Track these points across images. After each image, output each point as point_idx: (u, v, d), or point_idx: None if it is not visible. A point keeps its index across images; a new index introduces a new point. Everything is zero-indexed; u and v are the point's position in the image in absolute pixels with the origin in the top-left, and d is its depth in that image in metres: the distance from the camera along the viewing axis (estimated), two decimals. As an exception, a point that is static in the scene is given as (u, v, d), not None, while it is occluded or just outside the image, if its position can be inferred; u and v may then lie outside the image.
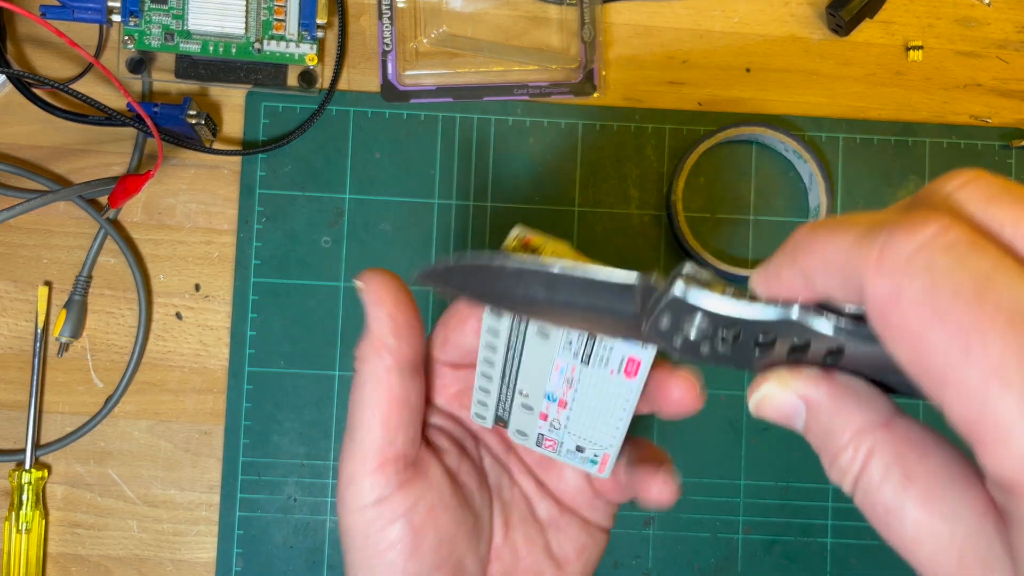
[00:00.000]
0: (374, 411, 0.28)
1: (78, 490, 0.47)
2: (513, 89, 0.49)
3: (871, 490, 0.20)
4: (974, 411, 0.16)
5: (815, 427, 0.21)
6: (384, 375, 0.28)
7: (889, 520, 0.19)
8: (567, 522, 0.32)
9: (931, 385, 0.17)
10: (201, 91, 0.49)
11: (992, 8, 0.51)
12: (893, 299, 0.17)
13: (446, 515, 0.29)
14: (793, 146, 0.48)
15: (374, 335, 0.28)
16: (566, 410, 0.28)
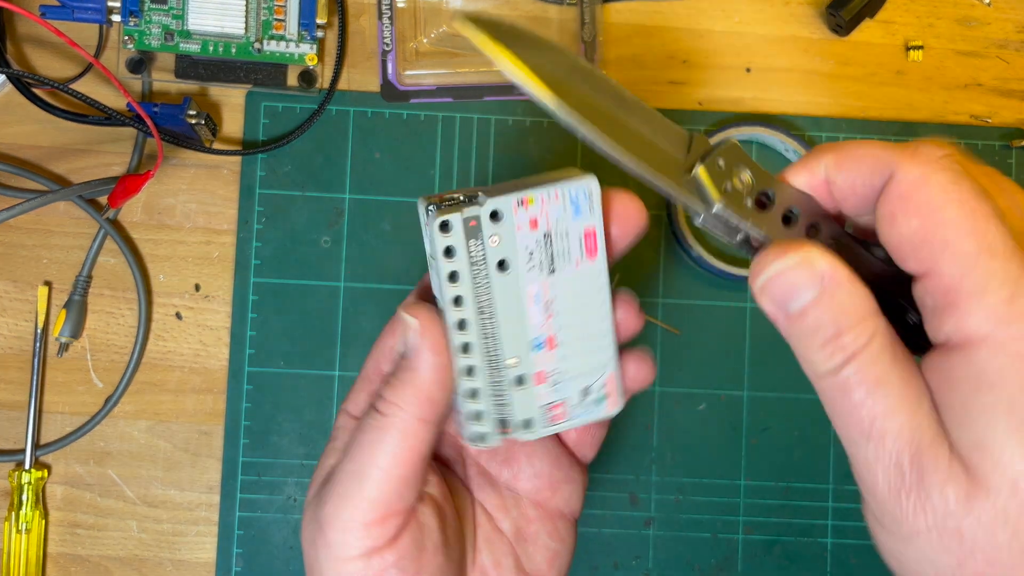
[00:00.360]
0: (396, 463, 0.26)
1: (78, 490, 0.47)
2: (513, 89, 0.49)
3: (867, 365, 0.22)
4: (962, 272, 0.20)
5: (828, 303, 0.22)
6: (417, 426, 0.26)
7: (876, 391, 0.22)
8: (534, 532, 0.31)
9: (928, 249, 0.21)
10: (201, 91, 0.49)
11: (992, 8, 0.51)
12: (921, 181, 0.21)
13: (436, 559, 0.27)
14: (793, 146, 0.48)
15: (423, 384, 0.26)
16: (557, 349, 0.28)
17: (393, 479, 0.26)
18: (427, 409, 0.26)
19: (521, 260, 0.26)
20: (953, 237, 0.21)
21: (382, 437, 0.26)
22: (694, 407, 0.49)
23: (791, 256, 0.23)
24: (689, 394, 0.49)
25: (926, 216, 0.21)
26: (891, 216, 0.22)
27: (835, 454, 0.49)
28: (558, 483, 0.31)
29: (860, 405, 0.22)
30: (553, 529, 0.31)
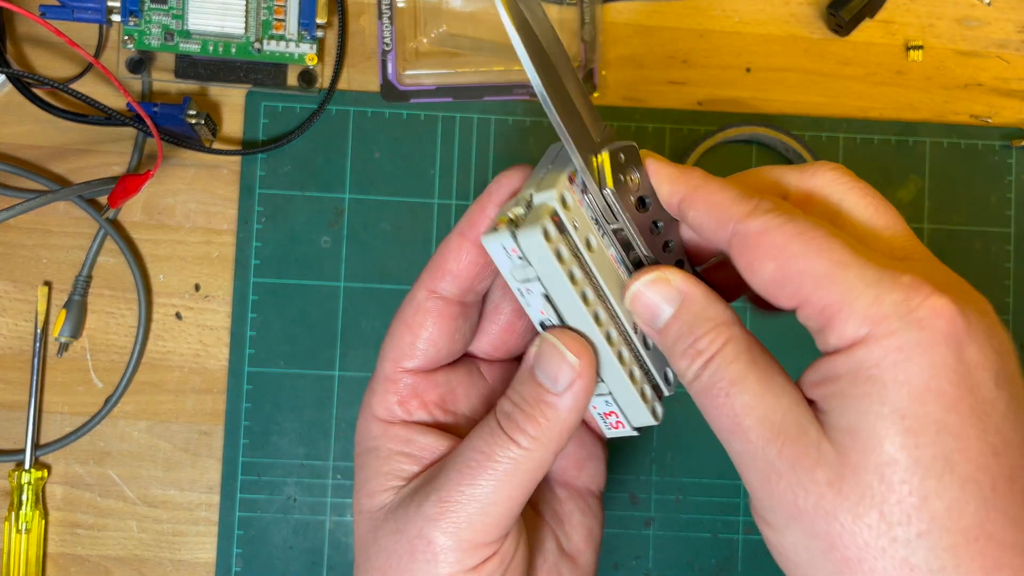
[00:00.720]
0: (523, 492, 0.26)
1: (78, 490, 0.47)
2: (513, 89, 0.49)
3: (722, 367, 0.24)
4: (826, 291, 0.22)
5: (685, 315, 0.25)
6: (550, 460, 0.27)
7: (733, 390, 0.24)
8: (568, 511, 0.31)
9: (791, 284, 0.23)
10: (201, 91, 0.49)
11: (992, 8, 0.51)
12: (763, 230, 0.24)
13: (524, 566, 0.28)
14: (793, 146, 0.48)
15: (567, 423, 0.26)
16: None
17: (517, 507, 0.26)
18: (564, 443, 0.26)
19: (595, 232, 0.27)
20: (807, 267, 0.23)
21: (517, 469, 0.25)
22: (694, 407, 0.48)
23: (650, 275, 0.26)
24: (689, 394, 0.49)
25: (777, 257, 0.23)
26: (749, 265, 0.24)
27: (835, 454, 0.49)
28: (583, 461, 0.31)
29: (722, 404, 0.24)
30: (585, 506, 0.31)
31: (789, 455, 0.23)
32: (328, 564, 0.47)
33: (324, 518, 0.47)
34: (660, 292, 0.26)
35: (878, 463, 0.21)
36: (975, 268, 0.50)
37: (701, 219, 0.26)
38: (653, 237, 0.27)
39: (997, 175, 0.50)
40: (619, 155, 0.26)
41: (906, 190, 0.50)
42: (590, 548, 0.31)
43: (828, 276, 0.23)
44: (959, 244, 0.50)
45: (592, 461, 0.31)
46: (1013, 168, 0.50)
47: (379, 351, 0.30)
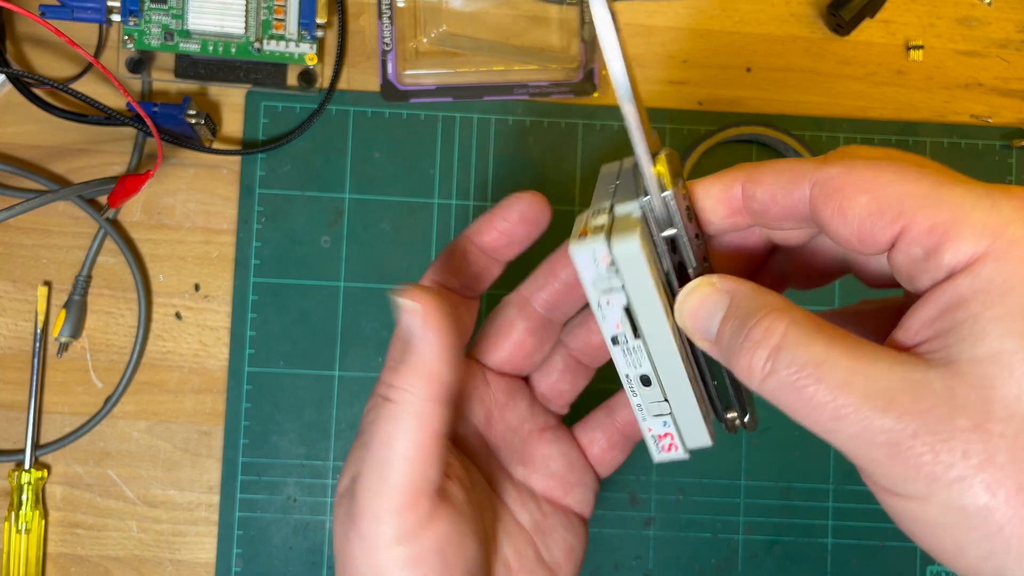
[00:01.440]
0: (414, 446, 0.25)
1: (77, 490, 0.47)
2: (513, 89, 0.49)
3: (796, 352, 0.21)
4: (934, 209, 0.20)
5: (736, 312, 0.23)
6: (428, 407, 0.26)
7: (821, 373, 0.20)
8: (551, 525, 0.31)
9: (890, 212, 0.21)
10: (200, 91, 0.49)
11: (993, 7, 0.51)
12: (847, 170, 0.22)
13: (472, 543, 0.27)
14: (794, 146, 0.48)
15: (423, 362, 0.26)
16: None
17: (414, 462, 0.26)
18: (436, 389, 0.26)
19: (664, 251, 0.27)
20: (907, 189, 0.21)
21: (396, 424, 0.26)
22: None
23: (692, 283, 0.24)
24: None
25: (870, 188, 0.21)
26: (839, 209, 0.22)
27: (835, 454, 0.49)
28: (571, 485, 0.31)
29: (813, 393, 0.21)
30: (569, 524, 0.31)
31: (916, 413, 0.19)
32: (328, 564, 0.47)
33: (324, 518, 0.47)
34: (706, 297, 0.24)
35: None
36: (975, 268, 0.50)
37: (771, 189, 0.24)
38: (697, 249, 0.26)
39: (997, 175, 0.50)
40: (674, 160, 0.25)
41: (906, 190, 0.50)
42: (570, 564, 0.31)
43: (933, 194, 0.21)
44: (959, 244, 0.50)
45: (580, 488, 0.31)
46: (1013, 168, 0.50)
47: None
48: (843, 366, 0.20)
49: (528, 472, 0.31)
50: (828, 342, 0.21)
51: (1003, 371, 0.19)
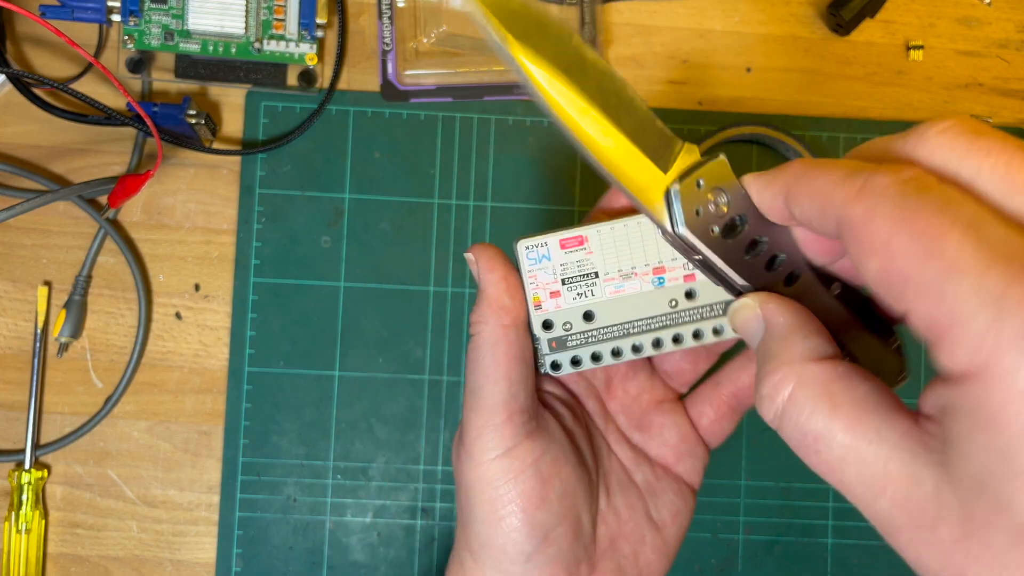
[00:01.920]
0: (497, 367, 0.29)
1: (78, 490, 0.47)
2: (513, 89, 0.49)
3: (800, 419, 0.21)
4: (933, 304, 0.18)
5: (762, 350, 0.24)
6: (503, 333, 0.29)
7: (819, 447, 0.21)
8: (662, 488, 0.33)
9: (896, 288, 0.19)
10: (201, 91, 0.49)
11: (993, 7, 0.51)
12: (867, 217, 0.19)
13: (568, 468, 0.30)
14: (794, 146, 0.48)
15: (491, 297, 0.29)
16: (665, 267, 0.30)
17: (502, 380, 0.29)
18: (503, 315, 0.29)
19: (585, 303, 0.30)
20: (911, 269, 0.19)
21: (481, 352, 0.29)
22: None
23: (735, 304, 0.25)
24: (689, 394, 0.49)
25: (881, 254, 0.19)
26: (857, 260, 0.20)
27: (835, 454, 0.49)
28: (682, 455, 0.34)
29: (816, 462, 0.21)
30: (677, 489, 0.33)
31: (904, 509, 0.19)
32: (328, 564, 0.47)
33: (324, 518, 0.47)
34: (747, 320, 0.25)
35: (1010, 527, 0.18)
36: (975, 268, 0.50)
37: (807, 213, 0.22)
38: (753, 259, 0.25)
39: (997, 175, 0.50)
40: (697, 183, 0.24)
41: (906, 190, 0.50)
42: (675, 525, 0.33)
43: (937, 285, 0.18)
44: (959, 244, 0.50)
45: (691, 458, 0.34)
46: (1013, 168, 0.50)
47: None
48: (840, 444, 0.20)
49: (644, 438, 0.34)
50: (830, 413, 0.21)
51: (983, 500, 0.18)
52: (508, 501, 0.29)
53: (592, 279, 0.30)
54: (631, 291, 0.30)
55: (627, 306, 0.30)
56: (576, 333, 0.30)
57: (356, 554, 0.47)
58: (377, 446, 0.48)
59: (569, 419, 0.32)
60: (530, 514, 0.29)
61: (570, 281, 0.30)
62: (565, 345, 0.30)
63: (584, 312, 0.30)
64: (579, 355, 0.30)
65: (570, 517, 0.30)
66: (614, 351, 0.30)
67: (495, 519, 0.29)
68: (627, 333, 0.30)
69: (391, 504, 0.48)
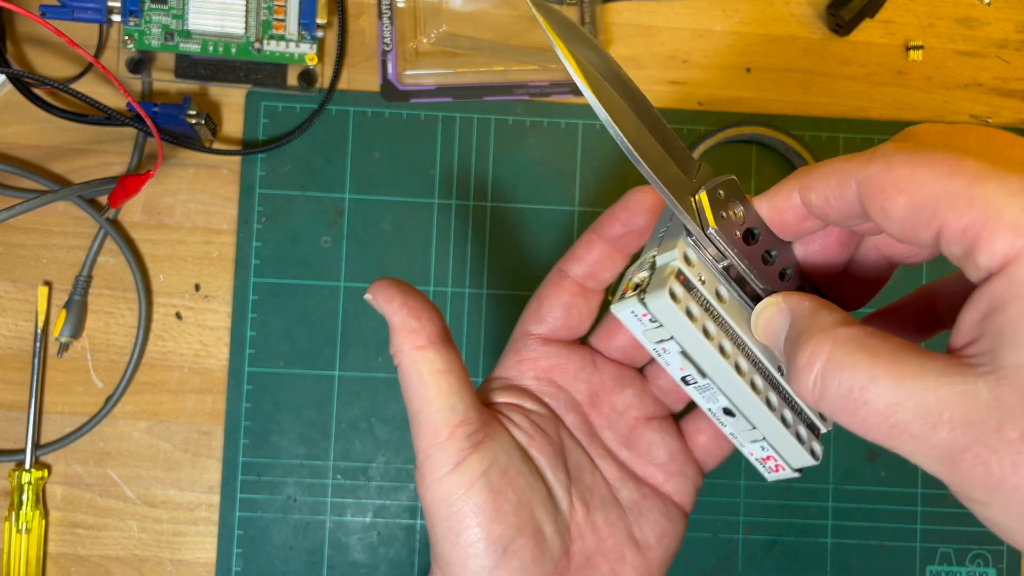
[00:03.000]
0: (426, 388, 0.29)
1: (78, 490, 0.47)
2: (513, 89, 0.49)
3: (843, 375, 0.22)
4: (965, 211, 0.20)
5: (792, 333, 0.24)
6: (421, 354, 0.29)
7: (866, 397, 0.21)
8: (648, 507, 0.32)
9: (927, 213, 0.21)
10: (201, 91, 0.49)
11: (992, 8, 0.51)
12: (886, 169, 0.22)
13: (520, 478, 0.30)
14: (793, 146, 0.48)
15: (397, 325, 0.29)
16: None
17: (433, 399, 0.29)
18: (414, 338, 0.29)
19: (723, 283, 0.27)
20: (940, 188, 0.21)
21: (407, 378, 0.30)
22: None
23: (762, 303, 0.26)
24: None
25: (906, 188, 0.21)
26: (883, 210, 0.22)
27: (834, 454, 0.49)
28: (671, 474, 0.33)
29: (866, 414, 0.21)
30: (665, 509, 0.33)
31: (965, 426, 0.20)
32: (328, 564, 0.47)
33: (324, 518, 0.47)
34: (771, 317, 0.26)
35: None
36: (975, 268, 0.50)
37: (824, 192, 0.24)
38: (768, 268, 0.26)
39: (997, 175, 0.50)
40: (717, 192, 0.26)
41: (906, 190, 0.50)
42: (660, 547, 0.32)
43: (965, 192, 0.20)
44: (959, 244, 0.50)
45: (681, 478, 0.33)
46: (1013, 168, 0.50)
47: None
48: (889, 385, 0.21)
49: (631, 456, 0.33)
50: (872, 361, 0.21)
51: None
52: (463, 516, 0.29)
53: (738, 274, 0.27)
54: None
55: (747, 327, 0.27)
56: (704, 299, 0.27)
57: (356, 554, 0.47)
58: (377, 446, 0.48)
59: (526, 431, 0.31)
60: (486, 527, 0.29)
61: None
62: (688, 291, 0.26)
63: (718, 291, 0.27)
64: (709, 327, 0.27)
65: (529, 528, 0.29)
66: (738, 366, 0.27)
67: (453, 535, 0.29)
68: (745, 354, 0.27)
69: (391, 504, 0.48)
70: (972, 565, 0.48)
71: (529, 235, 0.49)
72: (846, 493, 0.48)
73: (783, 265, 0.26)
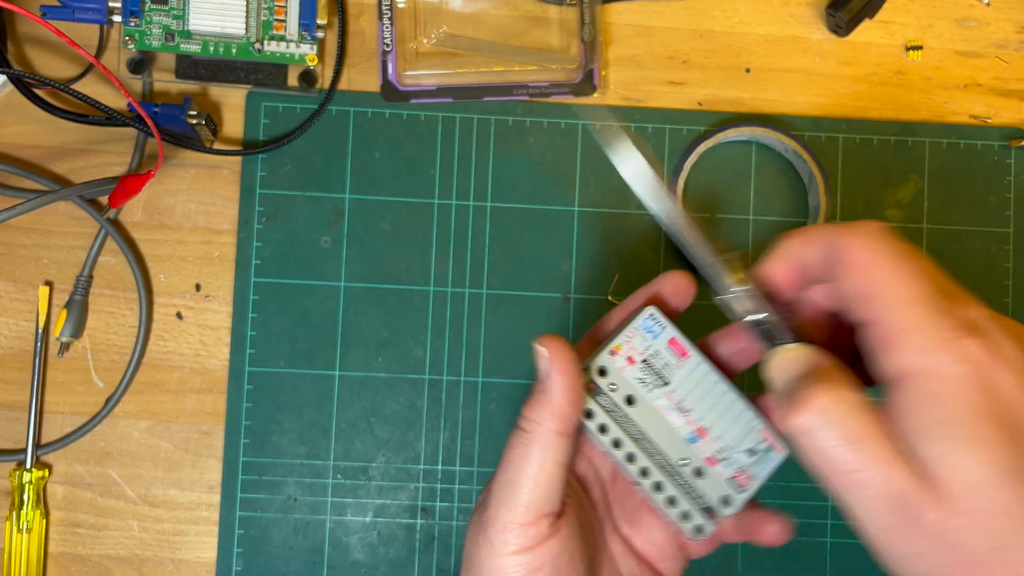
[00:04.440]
0: (541, 471, 0.30)
1: (78, 490, 0.47)
2: (513, 89, 0.49)
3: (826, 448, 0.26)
4: (893, 319, 0.25)
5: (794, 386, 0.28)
6: (555, 440, 0.30)
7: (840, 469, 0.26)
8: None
9: (867, 303, 0.26)
10: (201, 91, 0.49)
11: (991, 8, 0.51)
12: (860, 248, 0.27)
13: (582, 566, 0.32)
14: (793, 146, 0.48)
15: (555, 401, 0.30)
16: (708, 434, 0.33)
17: (540, 485, 0.30)
18: (561, 423, 0.30)
19: (639, 389, 0.33)
20: (885, 291, 0.26)
21: (528, 451, 0.30)
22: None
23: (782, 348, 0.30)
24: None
25: (864, 275, 0.26)
26: (842, 278, 0.27)
27: (835, 454, 0.49)
28: (665, 556, 0.35)
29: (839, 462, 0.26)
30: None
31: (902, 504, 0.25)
32: (328, 564, 0.47)
33: (324, 518, 0.47)
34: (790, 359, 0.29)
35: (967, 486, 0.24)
36: (974, 268, 0.50)
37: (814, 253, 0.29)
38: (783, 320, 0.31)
39: (996, 175, 0.50)
40: (740, 260, 0.31)
41: (905, 190, 0.50)
42: None
43: (900, 305, 0.26)
44: (958, 244, 0.50)
45: (672, 561, 0.35)
46: (1012, 168, 0.51)
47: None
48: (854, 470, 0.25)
49: (633, 532, 0.35)
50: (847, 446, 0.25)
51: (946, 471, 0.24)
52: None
53: (660, 384, 0.33)
54: (669, 420, 0.33)
55: (657, 426, 0.33)
56: (612, 402, 0.33)
57: (356, 553, 0.47)
58: (377, 446, 0.48)
59: (585, 508, 0.33)
60: None
61: (648, 367, 0.33)
62: (596, 395, 0.33)
63: (629, 397, 0.33)
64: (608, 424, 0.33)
65: None
66: (629, 456, 0.33)
67: None
68: (643, 447, 0.33)
69: (391, 504, 0.48)
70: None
71: (529, 235, 0.49)
72: (845, 493, 0.48)
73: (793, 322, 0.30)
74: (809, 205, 0.50)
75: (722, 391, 0.33)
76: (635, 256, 0.49)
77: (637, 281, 0.49)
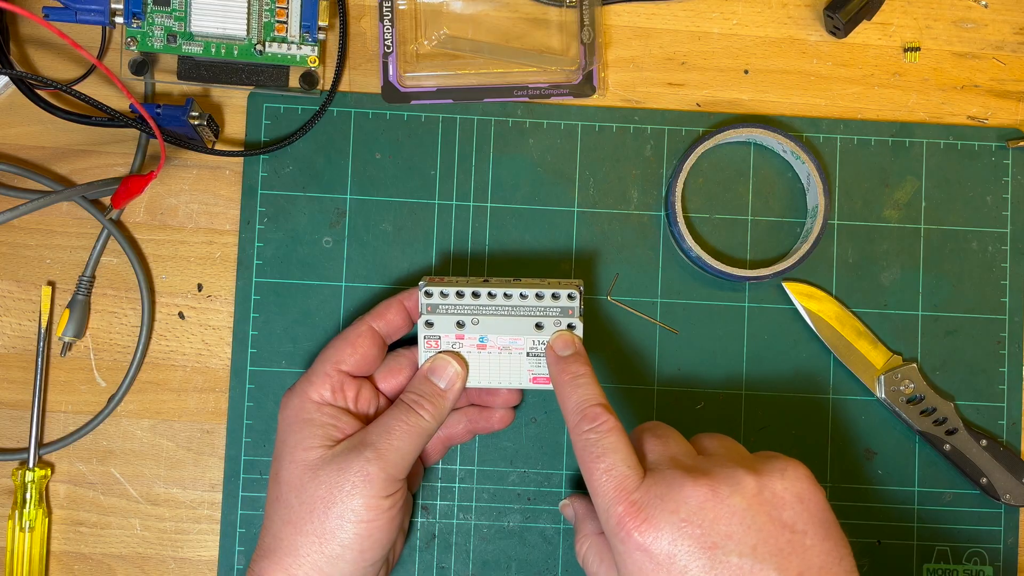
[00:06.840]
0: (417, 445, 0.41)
1: (81, 489, 0.47)
2: (513, 90, 0.49)
3: (592, 567, 0.40)
4: (597, 500, 0.37)
5: (579, 519, 0.43)
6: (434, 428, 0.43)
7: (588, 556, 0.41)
8: None
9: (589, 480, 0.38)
10: (203, 92, 0.49)
11: (989, 10, 0.52)
12: (585, 441, 0.39)
13: (406, 518, 0.46)
14: (791, 147, 0.48)
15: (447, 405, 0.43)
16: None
17: (414, 457, 0.41)
18: (443, 419, 0.43)
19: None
20: (588, 470, 0.38)
21: (420, 432, 0.41)
22: (693, 406, 0.49)
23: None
24: (688, 393, 0.49)
25: (585, 458, 0.38)
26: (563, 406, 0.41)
27: (832, 453, 0.49)
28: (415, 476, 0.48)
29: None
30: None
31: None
32: (329, 562, 0.47)
33: (325, 516, 0.48)
34: (566, 506, 0.45)
35: None
36: (971, 268, 0.50)
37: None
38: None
39: (993, 176, 0.51)
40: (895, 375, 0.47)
41: (903, 191, 0.50)
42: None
43: (593, 486, 0.37)
44: (955, 244, 0.50)
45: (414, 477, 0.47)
46: (1009, 169, 0.51)
47: (318, 356, 0.43)
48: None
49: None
50: (601, 568, 0.40)
51: None
52: (388, 520, 0.41)
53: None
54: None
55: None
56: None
57: (357, 552, 0.48)
58: (378, 445, 0.48)
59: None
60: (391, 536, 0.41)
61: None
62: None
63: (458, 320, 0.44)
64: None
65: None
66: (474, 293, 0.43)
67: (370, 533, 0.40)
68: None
69: (392, 502, 0.48)
70: (969, 563, 0.49)
71: (529, 235, 0.49)
72: (843, 491, 0.49)
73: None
74: (807, 206, 0.50)
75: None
76: (635, 256, 0.49)
77: (637, 281, 0.49)
